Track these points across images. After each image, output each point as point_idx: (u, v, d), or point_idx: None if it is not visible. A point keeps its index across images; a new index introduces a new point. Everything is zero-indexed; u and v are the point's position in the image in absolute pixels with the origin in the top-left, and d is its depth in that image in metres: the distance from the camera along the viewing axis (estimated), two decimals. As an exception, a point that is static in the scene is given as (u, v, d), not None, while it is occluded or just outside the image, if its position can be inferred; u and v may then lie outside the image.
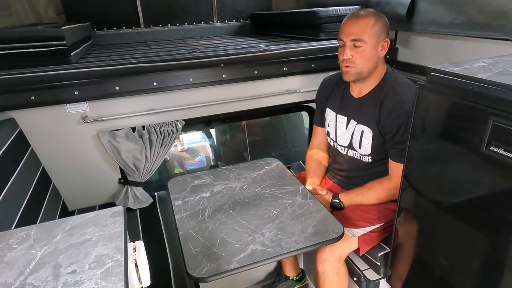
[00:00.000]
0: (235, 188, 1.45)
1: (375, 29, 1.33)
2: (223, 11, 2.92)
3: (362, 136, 1.47)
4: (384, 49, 1.38)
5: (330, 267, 1.41)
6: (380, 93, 1.42)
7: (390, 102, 1.37)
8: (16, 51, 1.56)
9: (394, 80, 1.42)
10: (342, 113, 1.55)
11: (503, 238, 0.86)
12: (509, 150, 0.78)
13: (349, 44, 1.35)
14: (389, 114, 1.36)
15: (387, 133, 1.39)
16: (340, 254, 1.42)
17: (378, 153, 1.47)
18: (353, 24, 1.34)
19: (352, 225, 1.43)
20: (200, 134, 3.31)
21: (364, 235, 1.43)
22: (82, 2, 2.52)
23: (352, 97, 1.52)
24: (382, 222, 1.45)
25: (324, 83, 1.69)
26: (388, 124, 1.37)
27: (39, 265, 0.71)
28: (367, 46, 1.33)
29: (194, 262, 1.05)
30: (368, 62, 1.36)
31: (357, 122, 1.49)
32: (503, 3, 1.38)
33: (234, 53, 1.88)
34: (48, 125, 1.66)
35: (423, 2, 1.78)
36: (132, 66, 1.67)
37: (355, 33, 1.33)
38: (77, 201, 1.87)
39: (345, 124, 1.54)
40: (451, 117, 0.94)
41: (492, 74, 0.87)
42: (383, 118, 1.39)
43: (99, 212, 0.88)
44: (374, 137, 1.44)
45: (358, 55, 1.35)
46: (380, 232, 1.45)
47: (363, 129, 1.46)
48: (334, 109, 1.59)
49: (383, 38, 1.36)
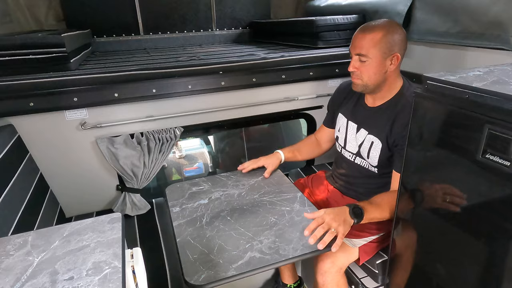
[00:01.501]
0: (233, 195, 1.45)
1: (381, 45, 1.29)
2: (222, 19, 2.95)
3: (371, 147, 1.45)
4: (394, 64, 1.33)
5: (330, 279, 1.39)
6: (395, 106, 1.39)
7: (406, 116, 1.29)
8: (16, 58, 1.57)
9: (411, 95, 1.39)
10: (353, 120, 1.54)
11: (501, 246, 0.87)
12: (505, 158, 0.79)
13: (355, 57, 1.35)
14: (403, 128, 1.31)
15: (398, 145, 1.35)
16: (341, 265, 1.41)
17: (383, 166, 1.44)
18: (361, 39, 1.33)
19: (353, 235, 1.41)
20: (198, 141, 3.32)
21: (365, 245, 1.43)
22: (82, 10, 2.54)
23: (366, 106, 1.51)
24: (382, 232, 1.45)
25: (340, 88, 1.68)
26: (399, 139, 1.34)
27: (36, 271, 0.70)
28: (372, 61, 1.32)
29: (191, 269, 1.05)
30: (374, 76, 1.35)
31: (368, 132, 1.46)
32: (498, 13, 1.40)
33: (233, 60, 1.89)
34: (47, 132, 1.66)
35: (420, 11, 1.80)
36: (131, 73, 1.68)
37: (359, 47, 1.33)
38: (75, 208, 1.87)
39: (354, 131, 1.52)
40: (447, 125, 0.95)
41: (487, 83, 0.88)
42: (395, 131, 1.35)
43: (97, 219, 0.88)
44: (383, 150, 1.41)
45: (363, 69, 1.34)
46: (379, 243, 1.45)
47: (373, 140, 1.43)
48: (346, 115, 1.58)
49: (392, 53, 1.31)
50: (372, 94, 1.44)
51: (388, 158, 1.42)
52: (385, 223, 1.43)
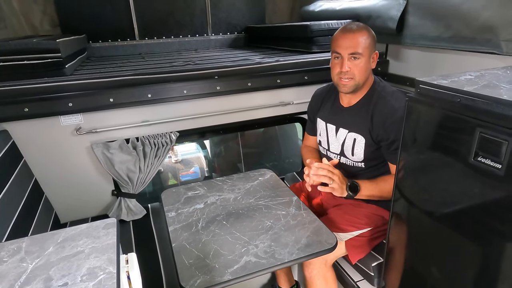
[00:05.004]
0: (229, 199, 1.45)
1: (368, 42, 1.38)
2: (217, 24, 2.96)
3: (354, 144, 1.50)
4: (374, 61, 1.44)
5: (316, 272, 1.42)
6: (369, 102, 1.46)
7: (382, 110, 1.41)
8: (11, 63, 1.56)
9: (383, 89, 1.47)
10: (331, 122, 1.59)
11: (494, 247, 0.87)
12: (496, 161, 0.80)
13: (348, 57, 1.38)
14: (383, 122, 1.39)
15: (383, 140, 1.42)
16: (326, 257, 1.42)
17: (370, 159, 1.50)
18: (351, 38, 1.37)
19: (339, 230, 1.44)
20: (194, 145, 3.31)
21: (352, 239, 1.44)
22: (78, 15, 2.54)
23: (342, 107, 1.56)
24: (370, 227, 1.46)
25: (316, 95, 1.74)
26: (383, 133, 1.40)
27: (30, 278, 0.70)
28: (363, 59, 1.39)
29: (187, 274, 1.05)
30: (364, 74, 1.41)
31: (348, 130, 1.52)
32: (489, 18, 1.43)
33: (228, 65, 1.90)
34: (42, 137, 1.65)
35: (412, 16, 1.83)
36: (126, 78, 1.68)
37: (353, 46, 1.37)
38: (70, 213, 1.86)
39: (334, 133, 1.57)
40: (440, 128, 0.96)
41: (478, 87, 0.89)
42: (376, 127, 1.42)
43: (92, 224, 0.87)
44: (367, 144, 1.46)
45: (356, 68, 1.39)
46: (369, 238, 1.45)
47: (356, 137, 1.49)
48: (324, 119, 1.63)
49: (373, 51, 1.42)
50: (352, 94, 1.48)
51: (373, 151, 1.47)
52: (373, 219, 1.47)
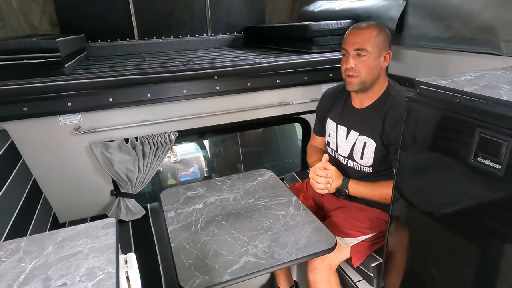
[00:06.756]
0: (228, 199, 1.45)
1: (378, 40, 1.36)
2: (217, 24, 2.96)
3: (364, 147, 1.47)
4: (386, 61, 1.42)
5: (320, 276, 1.41)
6: (383, 106, 1.43)
7: (395, 115, 1.38)
8: (10, 63, 1.56)
9: (397, 93, 1.44)
10: (343, 124, 1.56)
11: (494, 248, 0.87)
12: (496, 161, 0.80)
13: (353, 53, 1.38)
14: (394, 127, 1.37)
15: (392, 145, 1.40)
16: (331, 262, 1.42)
17: (378, 164, 1.47)
18: (357, 35, 1.38)
19: (344, 234, 1.43)
20: (193, 145, 3.31)
21: (357, 244, 1.44)
22: (77, 14, 2.53)
23: (354, 108, 1.53)
24: (374, 232, 1.46)
25: (326, 94, 1.71)
26: (393, 137, 1.38)
27: (28, 278, 0.70)
28: (370, 56, 1.37)
29: (186, 274, 1.05)
30: (371, 72, 1.39)
31: (359, 133, 1.49)
32: (489, 19, 1.43)
33: (228, 65, 1.90)
34: (40, 137, 1.65)
35: (412, 17, 1.83)
36: (126, 78, 1.68)
37: (358, 42, 1.36)
38: (69, 213, 1.85)
39: (345, 135, 1.55)
40: (439, 129, 0.96)
41: (478, 87, 0.89)
42: (387, 131, 1.40)
43: (91, 224, 0.87)
44: (377, 149, 1.44)
45: (361, 64, 1.38)
46: (371, 242, 1.45)
47: (366, 140, 1.46)
48: (335, 120, 1.60)
49: (385, 50, 1.40)
50: (362, 94, 1.47)
51: (383, 156, 1.44)
52: (377, 223, 1.45)
